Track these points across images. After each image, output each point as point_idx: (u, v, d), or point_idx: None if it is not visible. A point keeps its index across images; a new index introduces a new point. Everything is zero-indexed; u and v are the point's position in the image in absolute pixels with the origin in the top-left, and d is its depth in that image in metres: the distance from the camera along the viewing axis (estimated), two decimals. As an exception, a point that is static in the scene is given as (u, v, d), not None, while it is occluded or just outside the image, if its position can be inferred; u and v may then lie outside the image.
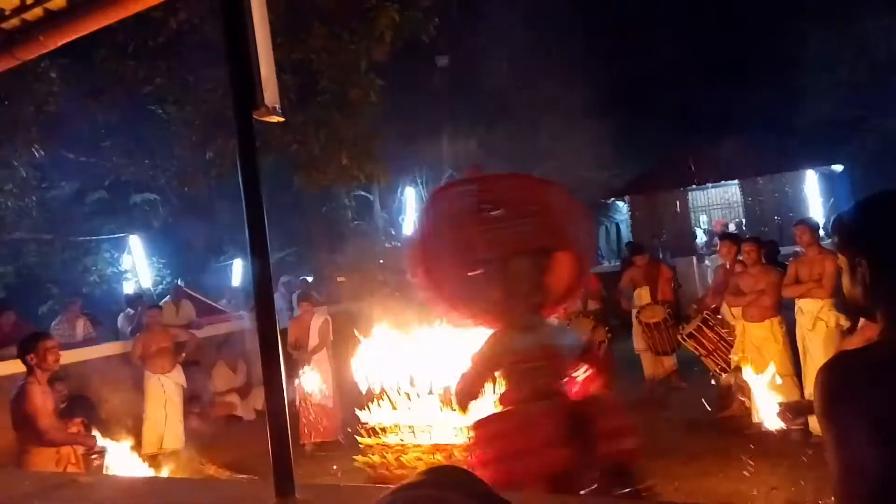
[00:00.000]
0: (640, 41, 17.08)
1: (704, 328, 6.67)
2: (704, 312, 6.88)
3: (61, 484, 3.07)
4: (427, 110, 15.57)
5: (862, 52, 15.23)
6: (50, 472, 4.38)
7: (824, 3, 15.52)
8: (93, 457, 4.62)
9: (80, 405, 6.72)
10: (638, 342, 8.03)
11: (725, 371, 6.65)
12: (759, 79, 17.00)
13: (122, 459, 4.57)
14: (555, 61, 16.69)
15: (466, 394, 3.28)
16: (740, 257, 6.85)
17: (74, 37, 2.99)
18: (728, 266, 6.94)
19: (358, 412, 3.89)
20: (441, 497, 0.78)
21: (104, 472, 4.46)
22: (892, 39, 14.23)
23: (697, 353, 6.79)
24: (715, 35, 16.89)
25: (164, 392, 7.42)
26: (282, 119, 2.32)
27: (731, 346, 6.50)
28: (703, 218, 20.66)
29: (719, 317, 6.90)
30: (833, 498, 1.23)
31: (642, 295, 8.06)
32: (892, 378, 1.22)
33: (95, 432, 4.85)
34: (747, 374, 6.31)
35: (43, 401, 4.48)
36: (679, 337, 6.90)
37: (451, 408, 3.73)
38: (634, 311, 8.05)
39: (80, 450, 4.64)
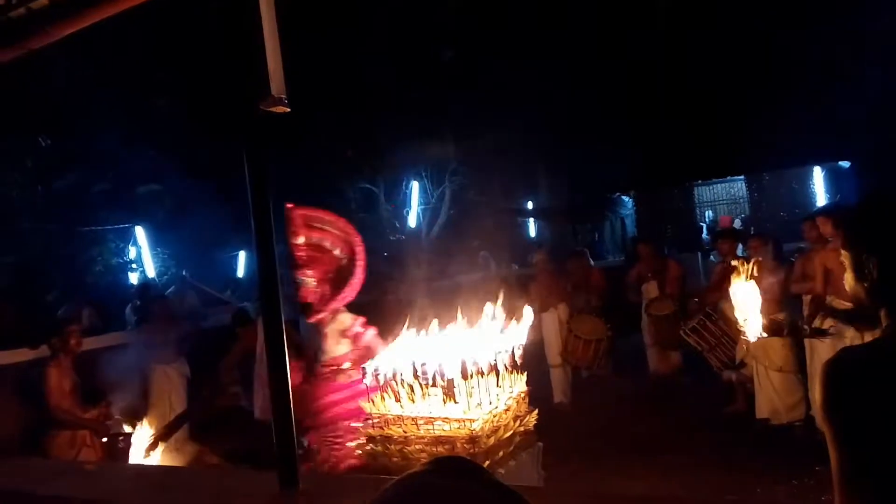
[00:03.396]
0: (646, 37, 16.98)
1: (707, 323, 6.64)
2: (706, 308, 6.85)
3: (64, 471, 3.09)
4: (433, 104, 15.52)
5: (870, 48, 15.11)
6: (53, 459, 4.43)
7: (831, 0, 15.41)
8: (119, 440, 4.73)
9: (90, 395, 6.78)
10: (646, 336, 8.02)
11: (727, 367, 6.64)
12: (766, 74, 16.89)
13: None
14: (561, 56, 16.63)
15: None
16: (742, 253, 6.83)
17: (81, 27, 3.00)
18: (727, 262, 6.92)
19: (361, 403, 3.90)
20: (446, 486, 0.78)
21: (127, 457, 4.56)
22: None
23: (699, 347, 6.76)
24: (720, 31, 16.78)
25: (170, 382, 7.45)
26: (288, 110, 2.33)
27: (734, 342, 6.48)
28: (709, 213, 20.62)
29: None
30: (835, 495, 1.23)
31: (650, 289, 8.05)
32: (894, 375, 1.21)
33: (118, 417, 4.97)
34: (751, 369, 6.34)
35: (59, 382, 4.70)
36: (682, 332, 6.86)
37: (454, 400, 3.75)
38: (643, 306, 8.03)
39: (102, 433, 4.77)
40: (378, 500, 0.80)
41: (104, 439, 4.86)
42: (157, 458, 5.15)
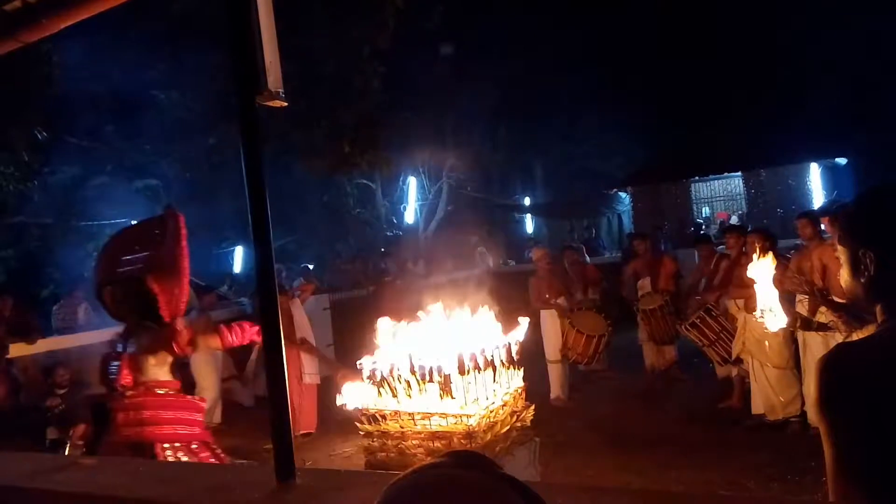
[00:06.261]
0: (643, 33, 17.00)
1: (707, 318, 6.67)
2: (708, 303, 6.87)
3: (63, 465, 3.08)
4: (430, 99, 15.51)
5: (867, 45, 15.15)
6: (51, 454, 4.40)
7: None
8: None
9: (77, 392, 6.75)
10: (641, 332, 8.05)
11: (727, 361, 6.65)
12: (764, 71, 16.91)
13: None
14: (559, 52, 16.63)
15: None
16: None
17: (77, 19, 2.98)
18: (733, 258, 6.92)
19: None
20: (462, 476, 0.78)
21: None
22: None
23: (700, 343, 6.78)
24: (719, 28, 16.79)
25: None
26: (285, 104, 2.31)
27: (734, 337, 6.50)
28: (706, 209, 20.63)
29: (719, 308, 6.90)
30: (830, 490, 1.23)
31: (645, 285, 8.06)
32: (889, 371, 1.21)
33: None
34: (748, 365, 6.36)
35: None
36: (683, 328, 6.90)
37: (451, 396, 3.76)
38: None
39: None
40: (396, 489, 0.79)
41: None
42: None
